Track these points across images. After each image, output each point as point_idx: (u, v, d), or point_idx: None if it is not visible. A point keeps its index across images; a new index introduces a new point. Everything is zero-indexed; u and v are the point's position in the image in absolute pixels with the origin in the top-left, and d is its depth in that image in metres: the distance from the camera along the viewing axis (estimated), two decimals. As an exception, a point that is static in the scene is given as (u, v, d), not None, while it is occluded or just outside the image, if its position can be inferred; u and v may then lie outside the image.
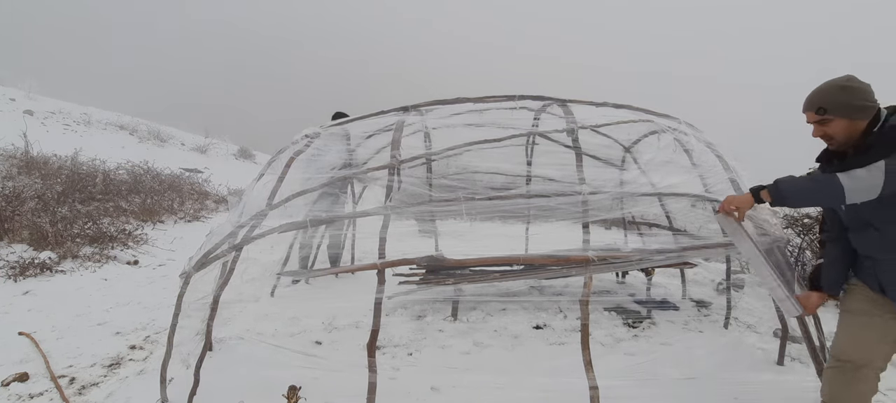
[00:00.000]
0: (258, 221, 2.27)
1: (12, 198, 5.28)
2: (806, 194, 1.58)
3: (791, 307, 1.77)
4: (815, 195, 1.58)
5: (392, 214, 2.13)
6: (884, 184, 1.41)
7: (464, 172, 3.43)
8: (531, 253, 2.33)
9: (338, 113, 4.34)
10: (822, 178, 1.54)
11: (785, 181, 1.61)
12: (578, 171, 2.30)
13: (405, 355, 2.94)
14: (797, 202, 1.63)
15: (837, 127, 1.57)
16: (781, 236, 2.28)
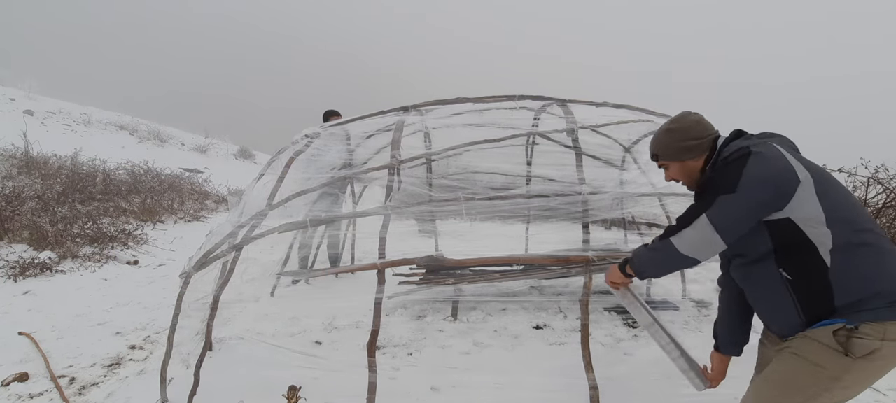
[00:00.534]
0: (258, 221, 2.27)
1: (12, 198, 5.28)
2: (657, 265, 1.46)
3: (696, 380, 1.57)
4: (666, 263, 1.43)
5: (392, 214, 2.13)
6: (722, 239, 1.25)
7: (464, 172, 3.43)
8: (531, 253, 2.34)
9: (329, 111, 4.31)
10: (660, 246, 1.41)
11: (638, 253, 1.49)
12: (578, 171, 2.30)
13: (405, 355, 2.94)
14: (654, 274, 1.52)
15: (674, 171, 1.50)
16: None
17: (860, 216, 1.22)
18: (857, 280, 1.16)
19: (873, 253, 1.18)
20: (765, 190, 1.20)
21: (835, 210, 1.19)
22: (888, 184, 4.16)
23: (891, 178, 4.21)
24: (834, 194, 1.22)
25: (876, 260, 1.17)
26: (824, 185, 1.22)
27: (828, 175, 1.28)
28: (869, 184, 4.22)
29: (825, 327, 1.18)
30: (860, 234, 1.19)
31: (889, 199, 4.13)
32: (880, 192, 4.21)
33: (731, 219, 1.23)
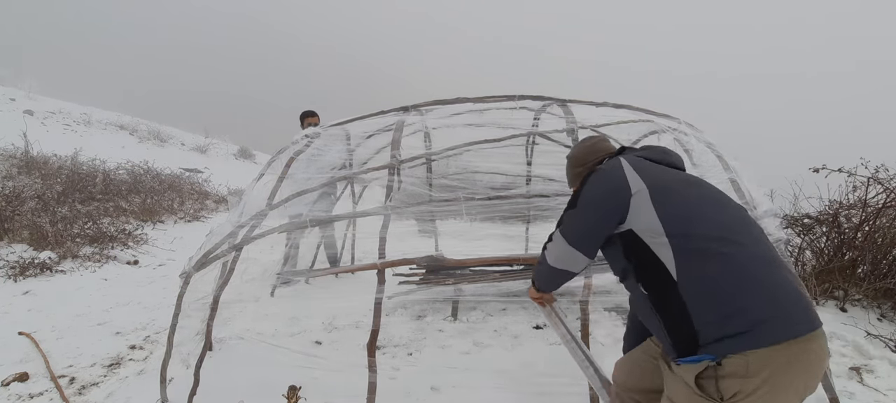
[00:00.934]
0: (258, 221, 2.27)
1: (12, 198, 5.28)
2: (543, 278, 1.50)
3: (606, 397, 1.56)
4: (548, 276, 1.45)
5: (392, 214, 2.13)
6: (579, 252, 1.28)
7: (464, 172, 3.42)
8: (531, 253, 2.33)
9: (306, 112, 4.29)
10: (541, 259, 1.46)
11: (535, 268, 1.55)
12: (578, 171, 2.30)
13: (405, 355, 2.94)
14: (546, 287, 1.55)
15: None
16: (781, 236, 2.28)
17: (711, 223, 1.13)
18: (709, 297, 1.05)
19: (726, 263, 1.07)
20: (597, 203, 1.25)
21: (673, 218, 1.14)
22: (888, 184, 4.16)
23: (891, 178, 4.21)
24: (674, 202, 1.18)
25: (730, 272, 1.06)
26: (664, 194, 1.19)
27: (675, 184, 1.23)
28: (869, 184, 4.22)
29: (690, 365, 1.08)
30: (709, 243, 1.09)
31: (889, 199, 4.13)
32: (880, 192, 4.20)
33: (577, 233, 1.28)
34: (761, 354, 1.00)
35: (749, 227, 1.16)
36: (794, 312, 1.03)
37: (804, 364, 1.02)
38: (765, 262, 1.08)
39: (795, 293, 1.06)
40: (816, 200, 4.81)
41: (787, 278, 1.08)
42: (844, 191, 4.53)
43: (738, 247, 1.09)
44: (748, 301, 1.02)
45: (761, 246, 1.12)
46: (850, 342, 3.19)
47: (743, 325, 1.01)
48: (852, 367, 2.79)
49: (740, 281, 1.05)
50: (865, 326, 3.53)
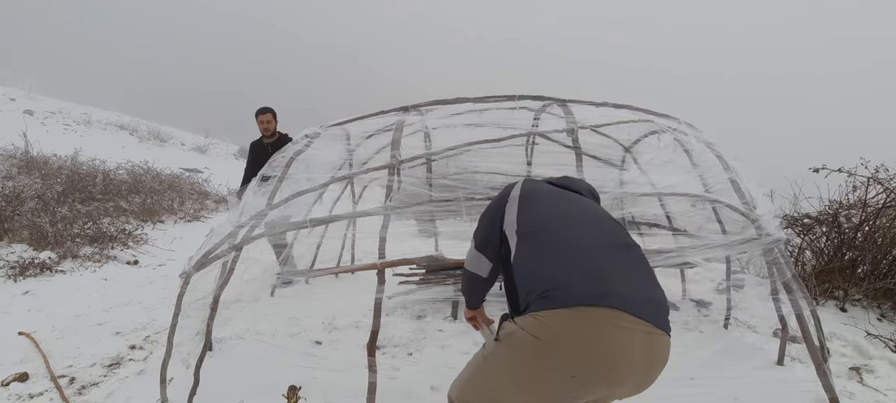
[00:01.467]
0: (258, 221, 2.27)
1: (12, 198, 5.28)
2: (464, 287, 1.59)
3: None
4: (467, 283, 1.55)
5: (392, 214, 2.13)
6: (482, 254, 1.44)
7: (464, 172, 3.42)
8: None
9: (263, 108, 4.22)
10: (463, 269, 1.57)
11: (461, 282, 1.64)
12: (578, 171, 2.30)
13: (405, 355, 2.94)
14: (468, 296, 1.60)
15: None
16: (781, 236, 2.28)
17: (556, 220, 1.27)
18: (528, 276, 1.20)
19: (539, 249, 1.22)
20: (489, 211, 1.45)
21: (528, 216, 1.31)
22: (888, 184, 4.16)
23: (891, 178, 4.21)
24: (535, 205, 1.34)
25: (550, 251, 1.20)
26: (529, 199, 1.36)
27: (547, 195, 1.38)
28: (869, 183, 4.22)
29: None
30: (545, 233, 1.25)
31: (889, 199, 4.13)
32: (880, 192, 4.20)
33: (480, 238, 1.44)
34: (551, 314, 1.09)
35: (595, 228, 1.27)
36: (603, 287, 1.09)
37: (603, 335, 1.06)
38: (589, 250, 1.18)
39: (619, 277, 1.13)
40: (816, 200, 4.81)
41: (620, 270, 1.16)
42: (844, 191, 4.54)
43: (566, 236, 1.22)
44: (557, 273, 1.14)
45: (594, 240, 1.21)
46: (850, 342, 3.19)
47: (536, 296, 1.14)
48: (852, 367, 2.79)
49: (556, 259, 1.18)
50: (865, 326, 3.53)
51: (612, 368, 1.07)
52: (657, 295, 1.17)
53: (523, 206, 1.34)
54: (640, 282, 1.16)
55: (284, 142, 4.04)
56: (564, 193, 1.43)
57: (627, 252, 1.22)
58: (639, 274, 1.18)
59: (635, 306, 1.08)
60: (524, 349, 1.12)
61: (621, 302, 1.07)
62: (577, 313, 1.07)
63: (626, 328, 1.06)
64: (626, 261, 1.19)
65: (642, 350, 1.08)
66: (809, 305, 2.25)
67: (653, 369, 1.13)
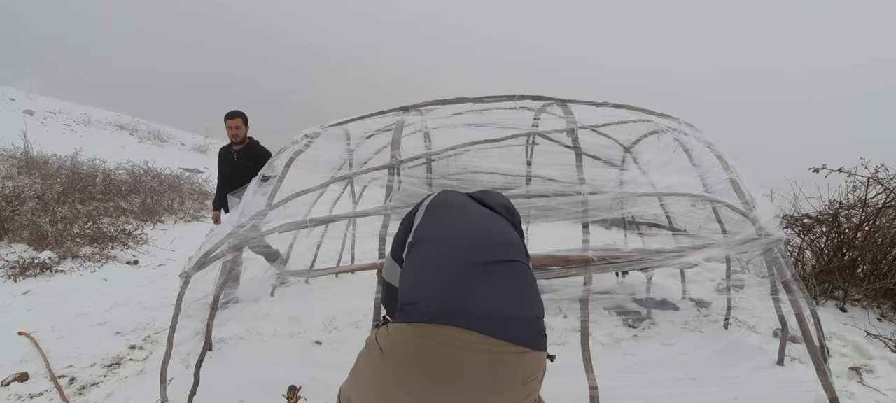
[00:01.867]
0: (258, 221, 2.27)
1: (12, 198, 5.28)
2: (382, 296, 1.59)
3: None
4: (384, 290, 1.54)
5: (392, 214, 2.13)
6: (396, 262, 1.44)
7: (464, 172, 3.42)
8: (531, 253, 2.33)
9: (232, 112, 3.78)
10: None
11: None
12: (578, 171, 2.30)
13: (405, 355, 2.94)
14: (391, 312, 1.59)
15: None
16: (781, 236, 2.28)
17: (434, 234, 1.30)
18: (401, 286, 1.25)
19: (414, 261, 1.27)
20: (406, 217, 1.48)
21: (421, 228, 1.35)
22: (888, 184, 4.16)
23: (891, 178, 4.21)
24: (431, 218, 1.37)
25: (412, 269, 1.25)
26: (435, 210, 1.40)
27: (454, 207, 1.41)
28: (869, 183, 4.22)
29: None
30: (418, 246, 1.29)
31: (889, 199, 4.13)
32: (880, 192, 4.20)
33: (394, 245, 1.47)
34: (397, 328, 1.13)
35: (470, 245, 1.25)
36: (450, 305, 1.11)
37: (434, 354, 1.07)
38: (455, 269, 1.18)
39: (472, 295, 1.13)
40: (816, 200, 4.81)
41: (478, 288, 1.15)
42: (844, 191, 4.54)
43: (437, 252, 1.24)
44: (415, 287, 1.18)
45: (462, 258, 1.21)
46: (850, 342, 3.19)
47: (403, 304, 1.17)
48: (852, 367, 2.79)
49: (421, 273, 1.21)
50: (865, 326, 3.54)
51: (441, 387, 1.07)
52: (521, 312, 1.17)
53: (425, 217, 1.38)
54: (499, 301, 1.15)
55: (254, 150, 3.81)
56: (469, 208, 1.43)
57: (497, 270, 1.20)
58: (502, 293, 1.17)
59: (482, 324, 1.08)
60: (372, 359, 1.16)
61: (464, 319, 1.08)
62: (416, 329, 1.09)
63: (461, 347, 1.06)
64: (491, 279, 1.18)
65: (483, 369, 1.07)
66: (809, 305, 2.25)
67: (502, 384, 1.10)
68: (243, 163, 3.73)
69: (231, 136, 3.80)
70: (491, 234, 1.31)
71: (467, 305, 1.10)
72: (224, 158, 3.94)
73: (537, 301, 1.26)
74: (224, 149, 3.96)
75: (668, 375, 2.63)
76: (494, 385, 1.09)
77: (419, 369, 1.08)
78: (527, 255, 1.40)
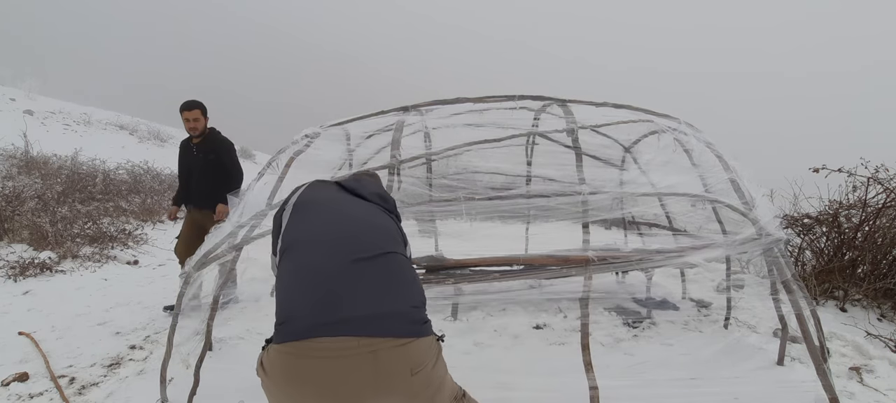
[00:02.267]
0: (258, 221, 2.27)
1: (12, 198, 5.28)
2: None
3: None
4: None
5: (392, 214, 2.13)
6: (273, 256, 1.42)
7: (464, 172, 3.42)
8: (531, 253, 2.33)
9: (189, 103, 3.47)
10: None
11: None
12: (578, 171, 2.30)
13: (405, 355, 2.94)
14: None
15: None
16: (781, 236, 2.28)
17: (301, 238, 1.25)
18: (276, 299, 1.19)
19: (285, 271, 1.21)
20: (276, 216, 1.42)
21: (289, 232, 1.29)
22: (888, 184, 4.16)
23: (891, 178, 4.21)
24: (298, 220, 1.31)
25: (283, 280, 1.20)
26: (301, 210, 1.33)
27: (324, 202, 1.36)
28: (869, 183, 4.22)
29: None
30: (287, 253, 1.23)
31: (889, 199, 4.13)
32: (880, 192, 4.20)
33: (272, 242, 1.41)
34: (274, 349, 1.10)
35: (340, 243, 1.21)
36: (322, 317, 1.08)
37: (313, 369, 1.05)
38: (327, 275, 1.14)
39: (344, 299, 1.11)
40: (816, 200, 4.81)
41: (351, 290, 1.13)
42: (844, 191, 4.54)
43: (306, 260, 1.19)
44: (287, 302, 1.14)
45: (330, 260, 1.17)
46: (850, 342, 3.19)
47: (278, 322, 1.12)
48: (852, 367, 2.79)
49: (290, 286, 1.17)
50: (865, 326, 3.53)
51: (328, 399, 1.07)
52: (399, 305, 1.16)
53: (292, 218, 1.32)
54: (375, 298, 1.14)
55: (213, 142, 3.58)
56: (339, 202, 1.39)
57: (371, 265, 1.19)
58: (378, 289, 1.16)
59: (357, 326, 1.07)
60: (263, 383, 1.15)
61: (338, 327, 1.07)
62: (290, 349, 1.07)
63: (339, 356, 1.05)
64: (365, 277, 1.16)
65: (365, 370, 1.06)
66: (809, 305, 2.25)
67: (389, 380, 1.09)
68: (203, 157, 3.53)
69: (189, 130, 3.49)
70: (363, 228, 1.28)
71: (341, 311, 1.09)
72: (184, 152, 3.67)
73: (416, 289, 1.27)
74: (184, 143, 3.69)
75: (668, 375, 2.63)
76: (382, 383, 1.08)
77: (301, 388, 1.07)
78: (403, 241, 1.41)
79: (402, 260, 1.28)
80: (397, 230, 1.41)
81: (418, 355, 1.14)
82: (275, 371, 1.09)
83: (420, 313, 1.21)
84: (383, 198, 1.50)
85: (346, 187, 1.48)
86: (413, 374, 1.12)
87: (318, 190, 1.44)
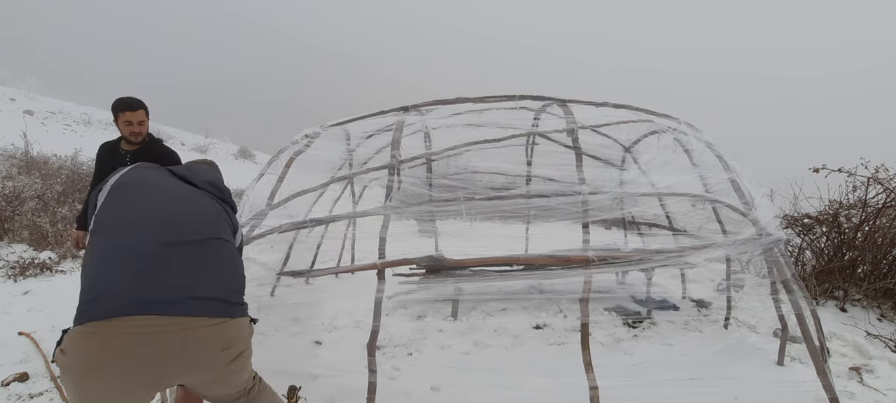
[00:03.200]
0: (258, 221, 2.27)
1: (12, 198, 5.28)
2: None
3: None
4: None
5: (392, 214, 2.13)
6: None
7: (464, 172, 3.42)
8: (531, 253, 2.33)
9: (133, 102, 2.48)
10: None
11: None
12: (578, 171, 2.30)
13: (405, 355, 2.94)
14: None
15: None
16: (781, 236, 2.28)
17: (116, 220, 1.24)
18: (82, 279, 1.17)
19: (93, 251, 1.19)
20: (90, 195, 1.39)
21: (101, 213, 1.27)
22: (888, 184, 4.16)
23: (891, 178, 4.21)
24: (114, 202, 1.30)
25: (91, 261, 1.18)
26: (118, 193, 1.32)
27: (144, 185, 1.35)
28: (869, 183, 4.22)
29: None
30: (97, 233, 1.22)
31: (889, 199, 4.13)
32: (880, 192, 4.20)
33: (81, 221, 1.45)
34: (76, 331, 1.09)
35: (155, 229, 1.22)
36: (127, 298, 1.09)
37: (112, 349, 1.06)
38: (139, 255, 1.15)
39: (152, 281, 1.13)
40: (816, 200, 4.81)
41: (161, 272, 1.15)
42: (844, 191, 4.54)
43: (119, 243, 1.18)
44: (92, 282, 1.13)
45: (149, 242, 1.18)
46: (850, 342, 3.19)
47: (81, 303, 1.11)
48: (852, 367, 2.79)
49: (98, 267, 1.16)
50: (865, 326, 3.54)
51: (133, 375, 1.09)
52: (214, 288, 1.20)
53: (108, 200, 1.31)
54: (189, 280, 1.17)
55: (156, 151, 2.59)
56: (164, 187, 1.38)
57: (188, 249, 1.22)
58: (192, 272, 1.19)
59: (168, 307, 1.10)
60: (61, 367, 1.14)
61: (147, 307, 1.09)
62: (96, 328, 1.07)
63: (145, 333, 1.07)
64: (180, 260, 1.19)
65: (173, 347, 1.10)
66: (809, 305, 2.26)
67: (198, 357, 1.15)
68: None
69: (129, 135, 2.52)
70: (184, 213, 1.30)
71: (152, 292, 1.11)
72: (108, 162, 2.54)
73: (234, 274, 1.31)
74: (109, 148, 2.65)
75: (668, 375, 2.63)
76: (190, 360, 1.14)
77: (105, 367, 1.08)
78: (232, 229, 1.44)
79: (222, 246, 1.32)
80: (225, 217, 1.44)
81: (231, 334, 1.21)
82: (77, 352, 1.09)
83: (236, 295, 1.27)
84: (215, 185, 1.52)
85: (177, 173, 1.49)
86: (223, 350, 1.19)
87: (142, 173, 1.44)
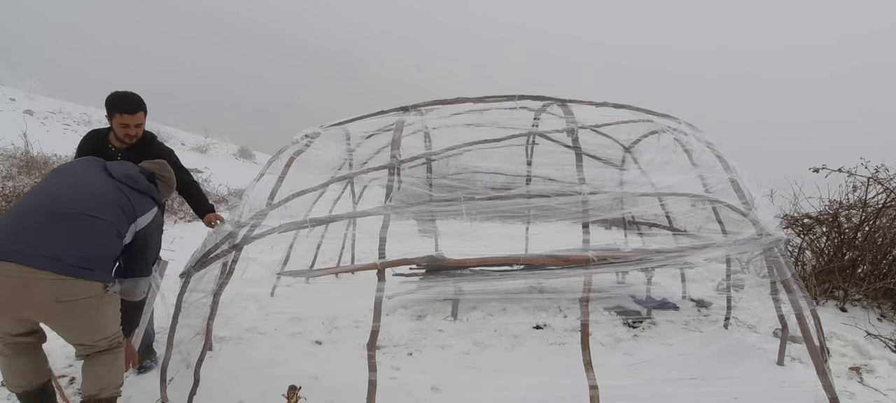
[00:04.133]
0: (258, 221, 2.27)
1: (12, 198, 5.28)
2: None
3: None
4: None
5: (392, 214, 2.13)
6: None
7: (464, 172, 3.42)
8: (531, 253, 2.34)
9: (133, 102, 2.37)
10: None
11: None
12: (578, 171, 2.30)
13: (405, 355, 2.94)
14: None
15: None
16: (781, 236, 2.28)
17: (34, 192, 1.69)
18: None
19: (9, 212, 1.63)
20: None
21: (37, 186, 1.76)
22: (888, 184, 4.16)
23: (891, 178, 4.21)
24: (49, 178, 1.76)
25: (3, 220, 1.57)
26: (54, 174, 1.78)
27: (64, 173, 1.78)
28: (869, 183, 4.22)
29: None
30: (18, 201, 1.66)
31: (889, 199, 4.13)
32: (880, 192, 4.20)
33: None
34: None
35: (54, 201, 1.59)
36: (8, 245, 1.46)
37: None
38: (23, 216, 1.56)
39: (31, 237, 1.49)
40: (816, 200, 4.82)
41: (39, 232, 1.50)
42: (844, 191, 4.54)
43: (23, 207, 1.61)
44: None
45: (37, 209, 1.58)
46: (850, 342, 3.19)
47: None
48: (852, 367, 2.79)
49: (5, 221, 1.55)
50: (865, 326, 3.54)
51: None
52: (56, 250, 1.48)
53: (43, 178, 1.75)
54: (45, 241, 1.49)
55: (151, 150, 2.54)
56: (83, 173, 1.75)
57: (57, 218, 1.54)
58: (50, 235, 1.50)
59: (21, 257, 1.44)
60: None
61: (9, 255, 1.44)
62: None
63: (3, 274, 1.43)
64: (52, 226, 1.52)
65: (14, 288, 1.45)
66: (809, 305, 2.26)
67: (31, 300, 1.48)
68: None
69: (123, 136, 2.42)
70: (77, 193, 1.64)
71: (20, 245, 1.45)
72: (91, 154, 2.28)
73: (89, 244, 1.56)
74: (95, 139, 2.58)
75: (667, 375, 2.63)
76: (23, 301, 1.48)
77: None
78: (127, 216, 1.71)
79: (92, 222, 1.59)
80: (124, 205, 1.71)
81: (70, 291, 1.50)
82: None
83: (82, 262, 1.52)
84: (132, 178, 1.83)
85: (107, 169, 1.82)
86: (58, 302, 1.50)
87: (78, 163, 1.85)
